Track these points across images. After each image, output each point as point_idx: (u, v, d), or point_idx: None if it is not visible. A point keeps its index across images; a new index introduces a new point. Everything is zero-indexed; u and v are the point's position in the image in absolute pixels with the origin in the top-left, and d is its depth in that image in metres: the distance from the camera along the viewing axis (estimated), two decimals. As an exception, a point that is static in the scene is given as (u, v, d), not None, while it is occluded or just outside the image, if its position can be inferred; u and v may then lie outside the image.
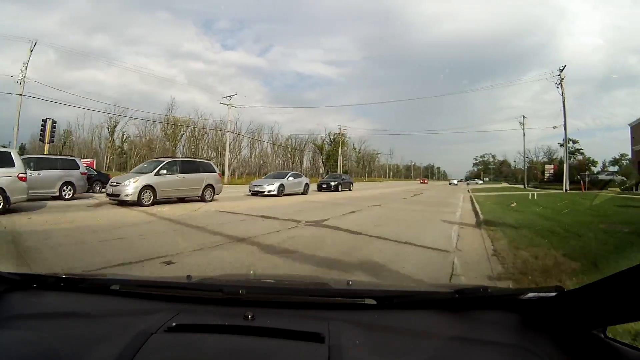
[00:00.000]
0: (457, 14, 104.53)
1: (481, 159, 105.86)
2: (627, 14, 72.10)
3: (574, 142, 65.39)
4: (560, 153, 64.95)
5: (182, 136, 53.07)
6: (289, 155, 67.23)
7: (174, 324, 1.01)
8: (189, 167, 12.68)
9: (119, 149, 52.12)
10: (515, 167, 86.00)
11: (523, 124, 36.82)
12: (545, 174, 43.73)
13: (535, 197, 16.81)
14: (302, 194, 18.64)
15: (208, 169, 13.52)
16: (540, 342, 0.96)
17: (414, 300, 1.24)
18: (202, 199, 12.57)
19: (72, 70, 64.54)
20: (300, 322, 1.05)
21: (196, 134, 52.97)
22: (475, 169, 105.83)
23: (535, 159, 73.69)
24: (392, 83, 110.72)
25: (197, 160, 15.18)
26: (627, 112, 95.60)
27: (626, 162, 56.36)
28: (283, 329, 0.98)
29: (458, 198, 19.87)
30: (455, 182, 66.49)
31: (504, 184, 62.67)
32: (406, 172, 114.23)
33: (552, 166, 45.77)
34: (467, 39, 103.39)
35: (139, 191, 10.48)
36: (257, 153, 62.81)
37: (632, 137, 32.13)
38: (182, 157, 17.16)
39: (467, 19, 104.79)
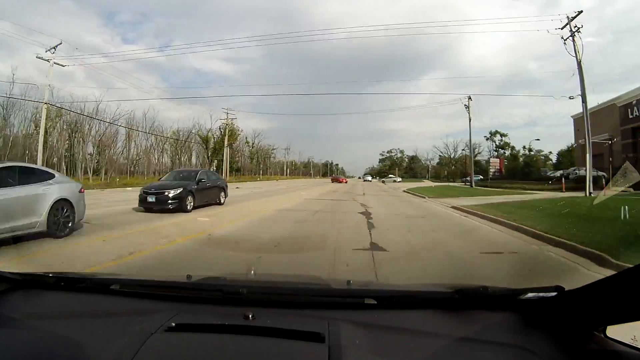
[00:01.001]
0: (358, 14, 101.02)
1: (388, 155, 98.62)
2: (530, 22, 75.56)
3: (503, 135, 63.25)
4: (485, 147, 62.38)
5: (54, 128, 40.23)
6: (177, 151, 53.98)
7: (174, 323, 0.99)
8: None
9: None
10: (429, 163, 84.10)
11: (469, 106, 29.70)
12: (490, 170, 37.96)
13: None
14: (49, 234, 6.03)
15: None
16: (541, 342, 0.94)
17: (414, 300, 1.22)
18: None
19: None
20: (300, 322, 1.03)
21: (72, 125, 39.82)
22: (378, 165, 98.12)
23: (452, 155, 71.96)
24: (291, 81, 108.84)
25: None
26: (526, 113, 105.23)
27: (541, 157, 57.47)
28: (283, 329, 0.97)
29: (456, 224, 9.47)
30: (370, 178, 64.21)
31: (427, 182, 55.54)
32: (304, 170, 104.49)
33: (497, 160, 40.91)
34: (368, 39, 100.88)
35: None
36: (139, 149, 49.35)
37: (577, 130, 28.87)
38: None
39: (369, 20, 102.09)
